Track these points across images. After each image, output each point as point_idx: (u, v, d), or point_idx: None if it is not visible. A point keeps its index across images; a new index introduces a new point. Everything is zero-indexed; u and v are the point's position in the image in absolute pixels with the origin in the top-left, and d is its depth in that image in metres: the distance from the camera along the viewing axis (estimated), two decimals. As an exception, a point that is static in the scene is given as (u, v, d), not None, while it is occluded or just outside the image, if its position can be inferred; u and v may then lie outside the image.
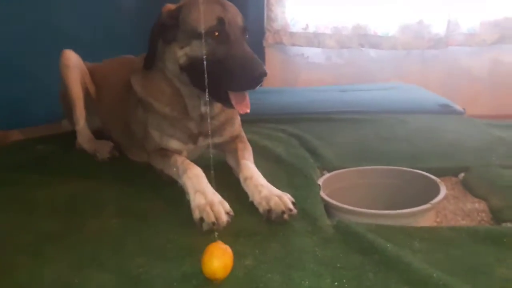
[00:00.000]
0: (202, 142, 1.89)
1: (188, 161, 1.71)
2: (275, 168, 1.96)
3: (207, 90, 1.57)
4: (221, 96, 1.65)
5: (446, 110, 2.97)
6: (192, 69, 1.67)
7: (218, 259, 1.14)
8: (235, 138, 1.95)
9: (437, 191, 1.70)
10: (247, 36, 1.71)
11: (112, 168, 2.06)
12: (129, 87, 1.93)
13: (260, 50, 4.92)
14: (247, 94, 1.66)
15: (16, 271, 1.22)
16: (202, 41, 1.59)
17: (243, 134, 2.01)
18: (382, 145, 2.30)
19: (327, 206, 1.65)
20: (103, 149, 2.18)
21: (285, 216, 1.42)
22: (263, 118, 2.82)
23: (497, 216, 1.58)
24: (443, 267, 1.18)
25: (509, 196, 1.66)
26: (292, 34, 4.93)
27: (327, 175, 1.88)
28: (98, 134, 2.36)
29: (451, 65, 4.81)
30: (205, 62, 1.55)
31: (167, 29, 1.70)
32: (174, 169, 1.71)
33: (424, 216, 1.56)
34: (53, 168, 2.06)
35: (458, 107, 3.04)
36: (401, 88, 3.61)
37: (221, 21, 1.62)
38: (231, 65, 1.58)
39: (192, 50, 1.65)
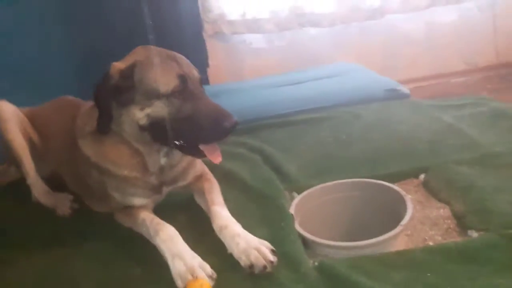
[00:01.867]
0: (166, 190, 1.87)
1: (157, 220, 1.66)
2: (244, 199, 1.96)
3: (173, 144, 1.63)
4: (191, 150, 1.66)
5: (393, 95, 3.06)
6: (154, 128, 1.63)
7: None
8: (199, 177, 1.92)
9: (402, 203, 1.77)
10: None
11: (76, 226, 1.97)
12: (76, 146, 1.82)
13: (200, 42, 4.79)
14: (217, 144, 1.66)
15: None
16: (165, 101, 1.57)
17: (206, 170, 1.99)
18: (342, 150, 2.34)
19: (304, 239, 1.68)
20: (63, 204, 2.09)
21: (268, 269, 1.44)
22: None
23: (462, 222, 1.68)
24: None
25: (469, 199, 1.75)
26: (231, 22, 4.82)
27: (296, 200, 1.89)
28: (52, 180, 2.25)
29: (389, 33, 4.92)
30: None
31: (120, 91, 1.61)
32: (144, 228, 1.67)
33: (397, 238, 1.63)
34: (15, 237, 1.95)
35: (404, 89, 3.14)
36: (346, 72, 3.67)
37: (182, 78, 1.58)
38: (199, 120, 1.57)
39: (155, 111, 1.60)
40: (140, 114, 1.61)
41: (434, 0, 4.67)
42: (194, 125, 1.57)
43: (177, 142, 1.64)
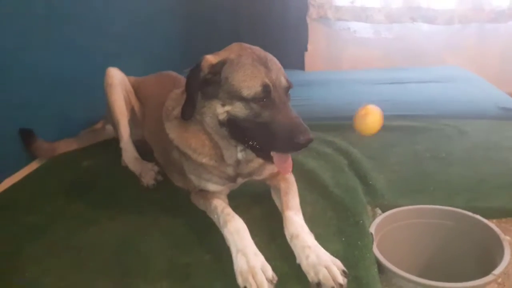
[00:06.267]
0: (241, 181, 1.87)
1: (228, 210, 1.67)
2: (322, 205, 1.88)
3: (247, 144, 1.64)
4: (262, 154, 1.64)
5: (508, 115, 2.73)
6: (232, 125, 1.64)
7: None
8: (276, 175, 1.88)
9: (498, 245, 1.57)
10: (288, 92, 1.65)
11: (157, 198, 2.03)
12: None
13: (303, 25, 4.68)
14: (290, 155, 1.62)
15: None
16: (245, 104, 1.57)
17: None
18: (439, 170, 2.15)
19: (379, 261, 1.56)
20: (148, 174, 2.17)
21: (336, 291, 1.36)
22: (309, 124, 2.68)
23: None
24: None
25: None
26: (337, 8, 4.64)
27: (378, 218, 1.77)
28: (141, 145, 2.36)
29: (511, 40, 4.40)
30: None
31: (207, 84, 1.63)
32: (215, 216, 1.69)
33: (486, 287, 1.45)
34: (100, 197, 2.07)
35: (519, 109, 2.79)
36: (458, 79, 3.34)
37: (266, 87, 1.56)
38: (275, 130, 1.54)
39: (234, 110, 1.60)
40: (220, 110, 1.63)
41: None
42: (269, 133, 1.55)
43: (251, 143, 1.64)
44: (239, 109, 1.59)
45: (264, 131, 1.56)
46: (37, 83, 2.43)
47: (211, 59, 1.64)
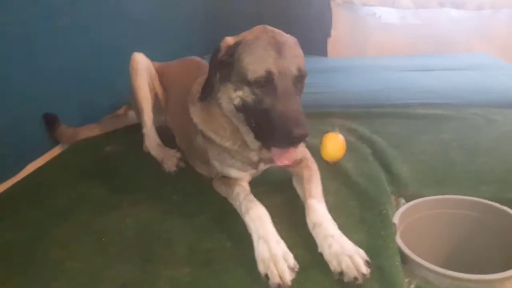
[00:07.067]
0: (263, 167, 1.86)
1: (250, 197, 1.66)
2: (345, 194, 1.85)
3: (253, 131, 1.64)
4: (265, 142, 1.63)
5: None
6: (245, 111, 1.62)
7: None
8: (299, 162, 1.86)
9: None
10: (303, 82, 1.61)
11: (179, 184, 2.04)
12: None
13: (327, 10, 4.59)
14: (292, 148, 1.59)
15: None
16: (250, 88, 1.56)
17: (308, 156, 1.91)
18: (466, 160, 2.08)
19: (402, 252, 1.53)
20: (170, 161, 2.17)
21: (359, 281, 1.33)
22: (332, 112, 2.65)
23: None
24: None
25: None
26: (363, -7, 4.52)
27: (402, 208, 1.73)
28: (163, 131, 2.36)
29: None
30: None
31: (224, 66, 1.63)
32: (238, 202, 1.68)
33: (511, 281, 1.40)
34: (122, 183, 2.08)
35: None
36: (487, 67, 3.22)
37: (269, 73, 1.53)
38: (273, 119, 1.51)
39: (244, 95, 1.59)
40: (233, 94, 1.62)
41: None
42: (268, 122, 1.52)
43: (257, 131, 1.63)
44: (247, 94, 1.58)
45: (264, 120, 1.54)
46: (61, 68, 2.45)
47: (229, 40, 1.64)
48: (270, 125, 1.52)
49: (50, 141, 2.45)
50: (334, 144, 2.08)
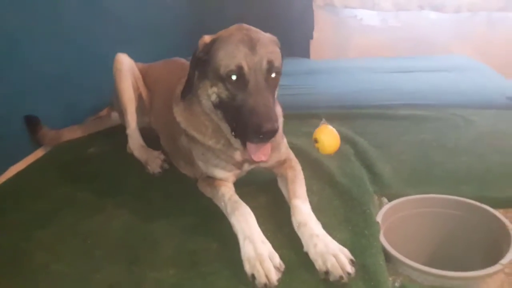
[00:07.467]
0: (247, 167, 1.86)
1: (235, 198, 1.68)
2: (329, 194, 1.87)
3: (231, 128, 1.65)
4: (241, 138, 1.63)
5: (514, 105, 2.71)
6: (222, 107, 1.64)
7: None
8: (283, 163, 1.88)
9: (506, 235, 1.57)
10: (274, 76, 1.61)
11: (163, 186, 2.03)
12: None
13: (308, 12, 4.63)
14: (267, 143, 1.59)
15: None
16: (223, 84, 1.58)
17: (291, 156, 1.93)
18: (446, 159, 2.13)
19: (386, 250, 1.56)
20: (154, 162, 2.17)
21: (344, 279, 1.36)
22: (314, 113, 2.68)
23: None
24: None
25: None
26: (344, -5, 4.58)
27: (385, 207, 1.77)
28: (146, 132, 2.36)
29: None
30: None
31: (201, 63, 1.65)
32: (223, 203, 1.69)
33: (493, 277, 1.45)
34: (106, 184, 2.07)
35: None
36: (466, 69, 3.30)
37: (239, 68, 1.54)
38: (244, 114, 1.52)
39: (219, 91, 1.61)
40: (210, 91, 1.64)
41: None
42: (240, 117, 1.54)
43: (234, 127, 1.63)
44: (221, 90, 1.59)
45: (238, 115, 1.55)
46: (42, 70, 2.41)
47: (206, 38, 1.66)
48: (243, 120, 1.53)
49: (32, 143, 2.42)
50: (329, 137, 2.16)
